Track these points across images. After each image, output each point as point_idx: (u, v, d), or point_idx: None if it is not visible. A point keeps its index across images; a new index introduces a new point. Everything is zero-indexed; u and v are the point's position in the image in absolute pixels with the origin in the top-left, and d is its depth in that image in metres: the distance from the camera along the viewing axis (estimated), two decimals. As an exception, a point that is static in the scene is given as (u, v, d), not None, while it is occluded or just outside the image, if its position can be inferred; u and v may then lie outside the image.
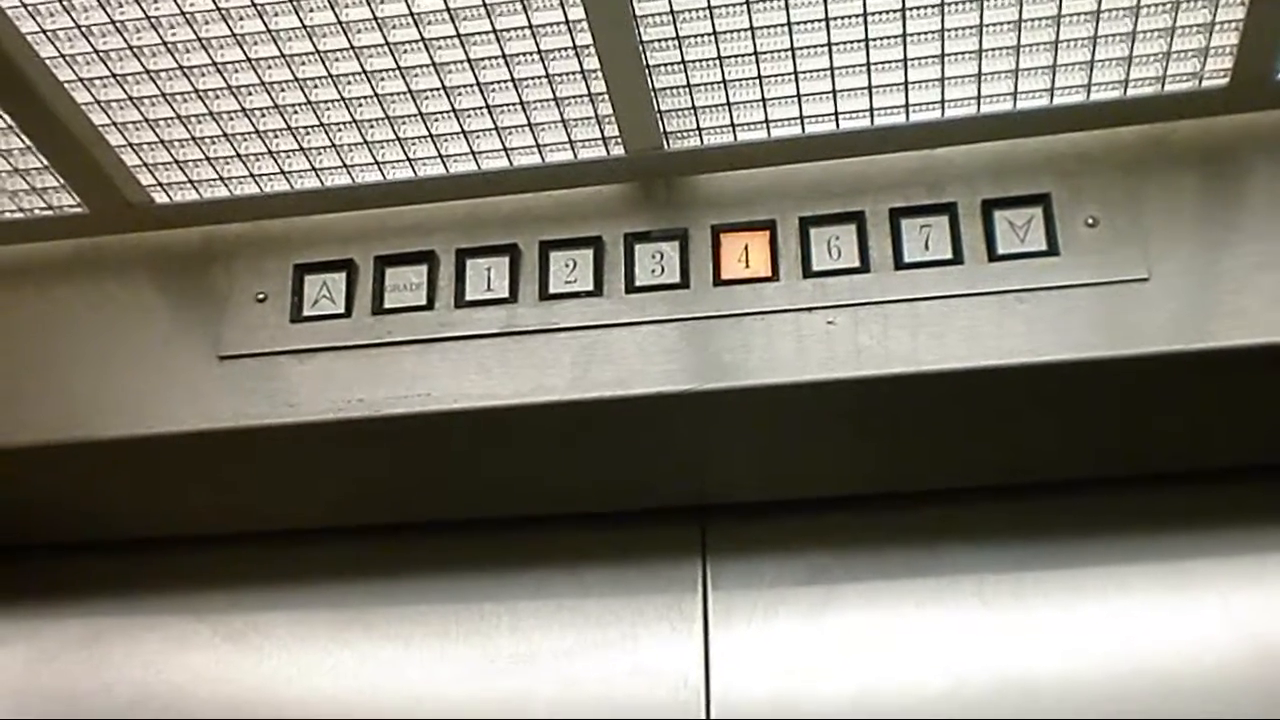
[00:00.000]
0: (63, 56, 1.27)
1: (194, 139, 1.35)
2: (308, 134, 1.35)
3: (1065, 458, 1.43)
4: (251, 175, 1.39)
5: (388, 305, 1.37)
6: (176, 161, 1.38)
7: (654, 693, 1.44)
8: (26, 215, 1.45)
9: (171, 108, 1.32)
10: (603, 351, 1.31)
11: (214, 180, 1.40)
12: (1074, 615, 1.40)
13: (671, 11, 1.21)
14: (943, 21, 1.22)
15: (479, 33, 1.24)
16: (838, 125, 1.32)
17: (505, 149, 1.35)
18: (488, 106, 1.31)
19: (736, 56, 1.26)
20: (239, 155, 1.37)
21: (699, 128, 1.33)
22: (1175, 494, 1.44)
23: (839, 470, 1.46)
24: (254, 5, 1.22)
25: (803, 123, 1.32)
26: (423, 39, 1.25)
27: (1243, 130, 1.29)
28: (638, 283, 1.33)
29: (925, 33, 1.23)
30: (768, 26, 1.23)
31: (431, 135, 1.34)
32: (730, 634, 1.46)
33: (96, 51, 1.27)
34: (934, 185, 1.32)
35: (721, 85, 1.28)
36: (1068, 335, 1.23)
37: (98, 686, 1.57)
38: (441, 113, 1.32)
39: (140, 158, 1.38)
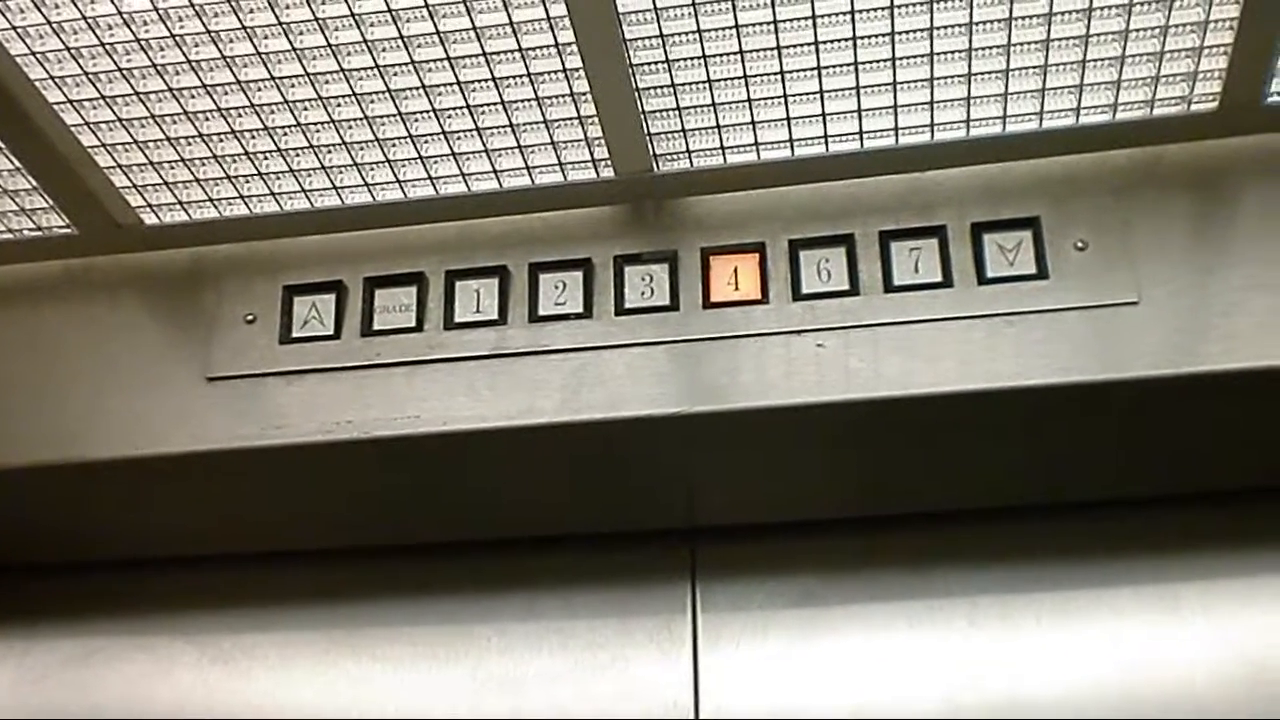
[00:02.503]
0: (52, 78, 1.27)
1: (183, 160, 1.35)
2: (297, 155, 1.34)
3: (1055, 481, 1.42)
4: (241, 196, 1.39)
5: (377, 327, 1.37)
6: (165, 183, 1.38)
7: (643, 715, 1.43)
8: (15, 236, 1.45)
9: (161, 129, 1.32)
10: (592, 374, 1.31)
11: (203, 201, 1.40)
12: (1065, 638, 1.40)
13: (661, 35, 1.21)
14: (932, 45, 1.22)
15: (469, 55, 1.24)
16: (827, 148, 1.32)
17: (495, 171, 1.35)
18: (477, 129, 1.31)
19: (726, 79, 1.26)
20: (228, 176, 1.37)
21: (688, 150, 1.33)
22: (1166, 517, 1.44)
23: (829, 493, 1.46)
24: (243, 28, 1.22)
25: (792, 145, 1.32)
26: (412, 61, 1.25)
27: (1232, 154, 1.29)
28: (627, 305, 1.33)
29: (915, 56, 1.23)
30: (757, 50, 1.23)
31: (421, 157, 1.34)
32: (720, 656, 1.45)
33: (85, 73, 1.27)
34: (923, 208, 1.32)
35: (711, 108, 1.28)
36: (1057, 359, 1.23)
37: (86, 707, 1.56)
38: (431, 135, 1.32)
39: (129, 179, 1.37)
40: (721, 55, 1.24)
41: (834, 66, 1.24)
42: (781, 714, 1.41)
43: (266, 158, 1.35)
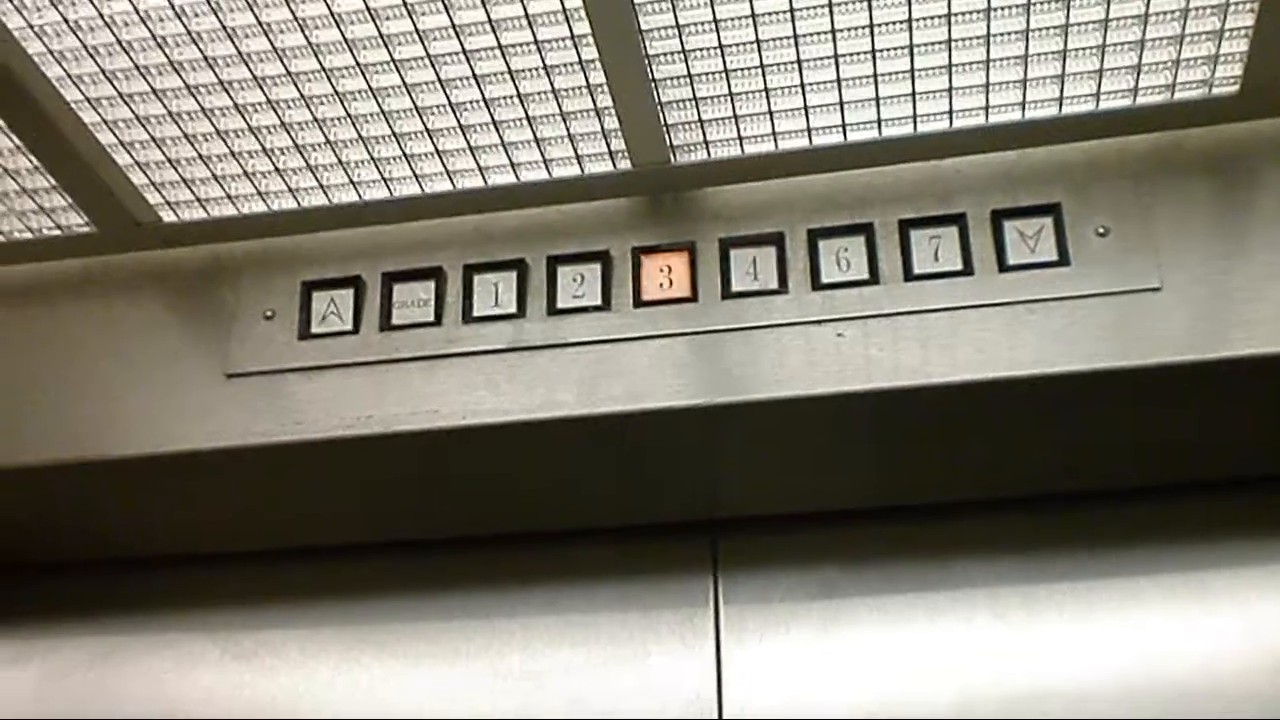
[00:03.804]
0: (69, 76, 1.28)
1: (201, 157, 1.36)
2: (314, 151, 1.34)
3: (1077, 469, 1.41)
4: (259, 193, 1.39)
5: (395, 322, 1.37)
6: (184, 180, 1.38)
7: (666, 708, 1.43)
8: (35, 235, 1.46)
9: (178, 126, 1.32)
10: (611, 366, 1.31)
11: (221, 198, 1.40)
12: (1088, 628, 1.39)
13: (677, 25, 1.21)
14: (950, 32, 1.21)
15: (485, 48, 1.24)
16: (845, 137, 1.31)
17: (512, 164, 1.35)
18: (494, 122, 1.31)
19: (743, 69, 1.25)
20: (246, 173, 1.37)
21: (706, 141, 1.32)
22: (1189, 505, 1.43)
23: (850, 484, 1.46)
24: (259, 24, 1.22)
25: (810, 135, 1.31)
26: (428, 55, 1.24)
27: (1253, 138, 1.28)
28: (645, 297, 1.33)
29: (932, 43, 1.22)
30: (774, 39, 1.22)
31: (438, 151, 1.34)
32: (742, 649, 1.45)
33: (103, 71, 1.27)
34: (943, 196, 1.31)
35: (728, 98, 1.28)
36: (1079, 346, 1.23)
37: (108, 705, 1.57)
38: (448, 128, 1.32)
39: (148, 176, 1.38)
40: (738, 45, 1.23)
41: (851, 54, 1.24)
42: (806, 707, 1.40)
43: (284, 154, 1.35)
